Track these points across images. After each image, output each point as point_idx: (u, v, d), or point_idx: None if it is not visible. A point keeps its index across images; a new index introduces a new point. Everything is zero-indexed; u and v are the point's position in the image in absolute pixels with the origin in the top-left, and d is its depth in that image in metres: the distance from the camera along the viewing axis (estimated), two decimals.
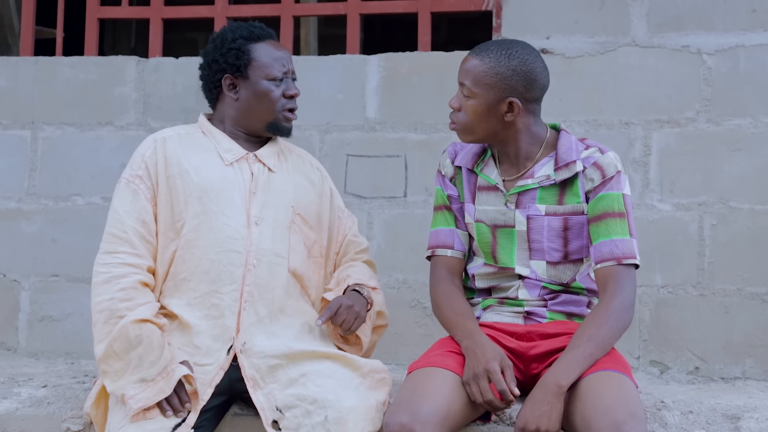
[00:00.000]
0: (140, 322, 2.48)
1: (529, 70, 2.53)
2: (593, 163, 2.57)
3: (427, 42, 4.04)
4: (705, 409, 2.72)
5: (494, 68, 2.52)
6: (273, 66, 2.70)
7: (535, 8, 3.87)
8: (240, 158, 2.70)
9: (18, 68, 4.14)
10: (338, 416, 2.41)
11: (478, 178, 2.67)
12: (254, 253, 2.61)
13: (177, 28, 5.46)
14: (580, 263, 2.62)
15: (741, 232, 3.68)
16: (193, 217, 2.61)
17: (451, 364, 2.46)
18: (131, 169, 2.66)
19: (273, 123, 2.72)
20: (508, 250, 2.62)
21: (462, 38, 5.44)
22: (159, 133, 2.75)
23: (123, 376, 2.47)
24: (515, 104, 2.53)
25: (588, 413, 2.28)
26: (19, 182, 4.07)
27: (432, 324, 3.72)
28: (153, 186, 2.63)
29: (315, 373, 2.50)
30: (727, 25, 3.75)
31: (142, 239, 2.59)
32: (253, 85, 2.70)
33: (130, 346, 2.46)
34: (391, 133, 3.91)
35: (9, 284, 4.04)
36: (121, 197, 2.63)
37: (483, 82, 2.52)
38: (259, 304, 2.60)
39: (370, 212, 3.89)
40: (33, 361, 3.73)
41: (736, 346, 3.65)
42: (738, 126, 3.72)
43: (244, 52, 2.70)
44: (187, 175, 2.63)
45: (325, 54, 4.14)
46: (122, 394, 2.45)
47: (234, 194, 2.65)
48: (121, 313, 2.49)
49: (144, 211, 2.61)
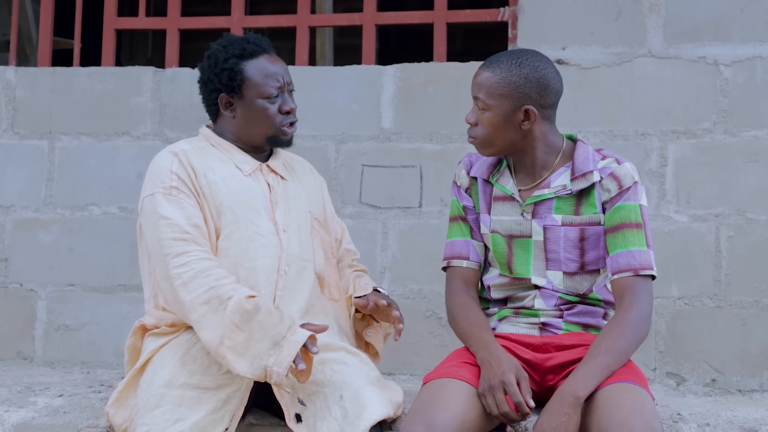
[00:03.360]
0: (250, 297, 2.44)
1: (541, 77, 2.54)
2: (610, 174, 2.56)
3: (442, 52, 4.05)
4: (722, 421, 2.71)
5: (506, 78, 2.53)
6: (266, 84, 2.68)
7: (551, 19, 3.87)
8: (255, 170, 2.73)
9: (36, 79, 4.16)
10: (355, 396, 2.43)
11: (494, 189, 2.67)
12: (285, 259, 2.64)
13: (193, 39, 5.48)
14: (597, 274, 2.61)
15: (758, 244, 3.66)
16: (225, 226, 2.62)
17: (466, 375, 2.46)
18: (161, 182, 2.60)
19: (272, 137, 2.72)
20: (524, 260, 2.62)
21: (478, 49, 5.43)
22: (174, 146, 2.72)
23: (249, 346, 2.39)
24: (531, 112, 2.53)
25: (604, 425, 2.27)
26: (36, 192, 4.09)
27: (447, 334, 3.71)
28: (193, 195, 2.61)
29: (332, 361, 2.53)
30: (743, 36, 3.74)
31: (204, 238, 2.57)
32: (248, 104, 2.69)
33: (249, 316, 2.40)
34: (407, 144, 3.91)
35: (26, 293, 4.05)
36: (165, 207, 2.56)
37: (497, 93, 2.53)
38: (288, 306, 2.61)
39: (385, 222, 3.88)
40: (49, 371, 3.74)
41: (753, 358, 3.63)
42: (755, 137, 3.70)
43: (237, 72, 2.67)
44: (216, 186, 2.64)
45: (341, 64, 4.15)
46: (263, 368, 2.37)
47: (258, 204, 2.67)
48: (228, 294, 2.43)
49: (195, 215, 2.57)
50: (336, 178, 3.89)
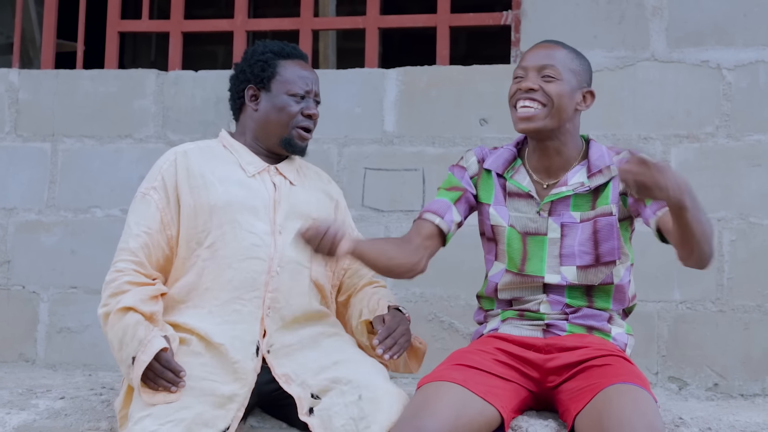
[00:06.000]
0: (122, 311, 2.52)
1: (591, 71, 2.66)
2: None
3: (445, 56, 4.05)
4: (724, 426, 2.70)
5: (578, 58, 2.64)
6: (296, 83, 2.73)
7: (554, 23, 3.87)
8: (261, 170, 2.73)
9: (39, 81, 4.17)
10: (372, 396, 2.43)
11: (508, 184, 2.67)
12: (278, 260, 2.63)
13: (196, 42, 5.48)
14: (612, 265, 2.60)
15: (761, 248, 3.65)
16: (218, 227, 2.63)
17: (458, 377, 2.44)
18: (148, 182, 2.70)
19: (287, 139, 2.73)
20: (538, 257, 2.61)
21: (481, 53, 5.44)
22: (180, 146, 2.78)
23: (122, 366, 2.52)
24: (590, 94, 2.62)
25: (606, 424, 2.27)
26: (39, 194, 4.09)
27: (449, 338, 3.72)
28: (167, 196, 2.65)
29: (347, 360, 2.54)
30: (747, 40, 3.74)
31: (143, 246, 2.61)
32: (273, 98, 2.73)
33: (115, 337, 2.52)
34: (409, 147, 3.91)
35: (28, 296, 4.06)
36: (134, 210, 2.68)
37: (569, 68, 2.60)
38: (285, 310, 2.62)
39: (387, 225, 3.88)
40: (51, 373, 3.74)
41: (755, 363, 3.63)
42: (758, 141, 3.70)
43: (270, 65, 2.73)
44: (212, 186, 2.65)
45: (344, 68, 4.15)
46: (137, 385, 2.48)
47: (258, 204, 2.67)
48: (110, 311, 2.55)
49: (152, 220, 2.63)
50: (338, 182, 3.87)
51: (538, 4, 3.89)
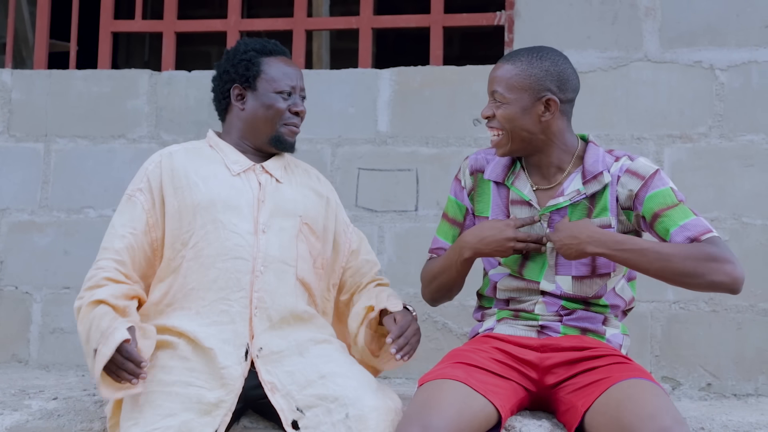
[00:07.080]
0: (93, 304, 2.52)
1: (561, 70, 2.55)
2: (626, 171, 2.56)
3: (439, 56, 4.05)
4: (717, 425, 2.70)
5: (527, 70, 2.53)
6: (282, 80, 2.73)
7: (548, 23, 3.87)
8: (247, 169, 2.72)
9: (32, 81, 4.16)
10: (360, 414, 2.41)
11: (510, 192, 2.66)
12: (261, 260, 2.62)
13: (190, 42, 5.48)
14: (608, 277, 2.60)
15: (754, 248, 3.66)
16: (201, 227, 2.62)
17: (461, 375, 2.45)
18: (134, 184, 2.70)
19: (275, 136, 2.73)
20: (536, 266, 2.62)
21: (474, 53, 5.44)
22: (166, 148, 2.78)
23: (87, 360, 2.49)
24: (552, 101, 2.53)
25: (629, 420, 2.26)
26: (32, 194, 4.08)
27: (442, 338, 3.72)
28: (152, 198, 2.65)
29: (334, 374, 2.51)
30: (739, 40, 3.75)
31: (128, 247, 2.61)
32: (260, 97, 2.72)
33: (84, 330, 2.51)
34: (403, 147, 3.92)
35: (21, 296, 4.05)
36: (120, 212, 2.68)
37: (516, 86, 2.53)
38: (272, 310, 2.60)
39: (381, 226, 3.88)
40: (44, 373, 3.74)
41: (748, 363, 3.63)
42: (751, 141, 3.71)
43: (255, 64, 2.73)
44: (195, 187, 2.65)
45: (337, 68, 4.15)
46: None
47: (241, 203, 2.66)
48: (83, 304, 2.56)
49: (138, 221, 2.63)
50: (332, 182, 3.87)
51: (532, 5, 3.90)
